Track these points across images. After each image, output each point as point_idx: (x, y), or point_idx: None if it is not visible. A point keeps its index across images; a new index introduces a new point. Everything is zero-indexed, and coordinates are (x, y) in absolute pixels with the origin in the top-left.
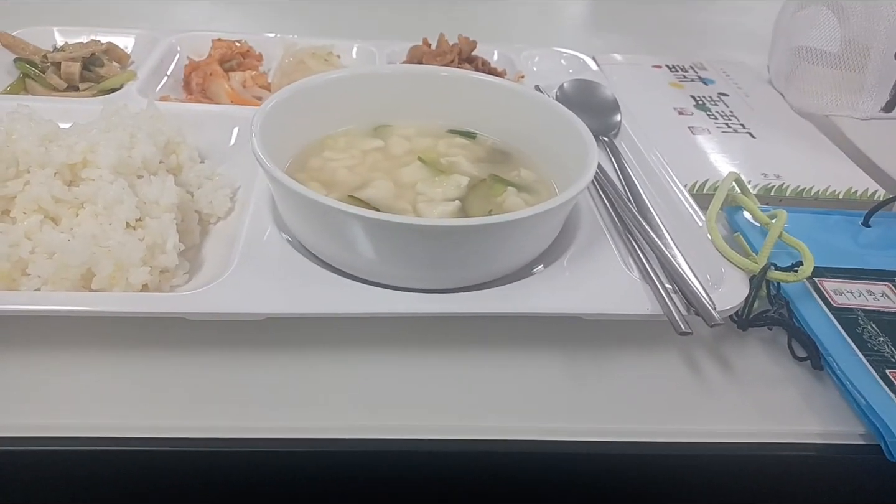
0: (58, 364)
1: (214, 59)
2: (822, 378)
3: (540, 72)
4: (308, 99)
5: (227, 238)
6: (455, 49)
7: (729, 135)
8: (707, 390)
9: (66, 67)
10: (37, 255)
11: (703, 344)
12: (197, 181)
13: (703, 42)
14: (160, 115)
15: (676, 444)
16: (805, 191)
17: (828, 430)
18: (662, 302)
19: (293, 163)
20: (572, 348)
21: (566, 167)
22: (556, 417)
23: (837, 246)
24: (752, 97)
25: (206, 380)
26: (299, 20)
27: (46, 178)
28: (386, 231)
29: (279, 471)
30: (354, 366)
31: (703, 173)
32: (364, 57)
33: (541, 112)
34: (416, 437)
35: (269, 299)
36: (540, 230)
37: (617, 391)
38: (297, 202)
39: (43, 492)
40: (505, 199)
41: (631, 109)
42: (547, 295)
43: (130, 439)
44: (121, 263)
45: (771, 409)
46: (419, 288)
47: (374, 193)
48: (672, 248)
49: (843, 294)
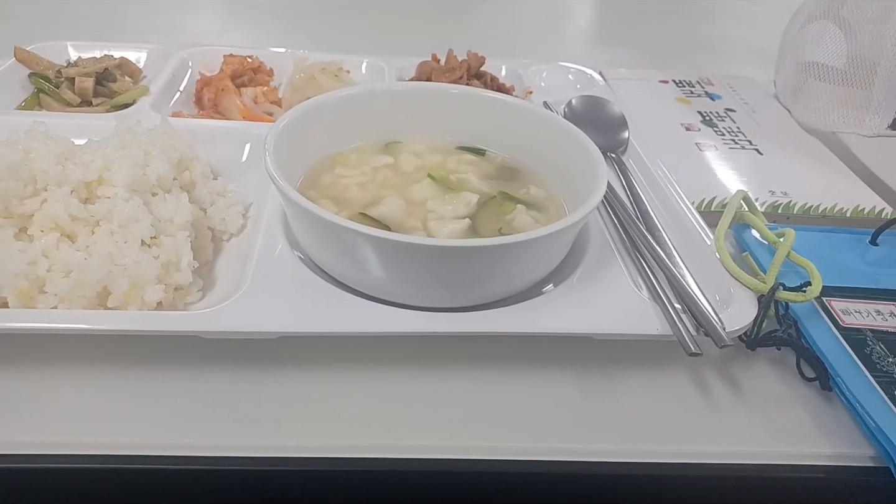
0: (73, 381)
1: (226, 74)
2: (831, 399)
3: (548, 87)
4: (320, 116)
5: (239, 255)
6: (464, 65)
7: (736, 151)
8: (715, 410)
9: (80, 83)
10: (54, 273)
11: (711, 364)
12: (210, 198)
13: (709, 57)
14: (173, 132)
15: (685, 464)
16: (812, 208)
17: (837, 452)
18: (672, 322)
19: (305, 179)
20: (582, 368)
21: (575, 185)
22: (566, 438)
23: (845, 265)
24: (758, 113)
25: (219, 397)
26: (308, 34)
27: (63, 197)
28: (397, 251)
29: (292, 489)
30: (365, 384)
31: (711, 190)
32: (373, 72)
33: (550, 130)
34: (426, 457)
35: (283, 318)
36: (550, 250)
37: (626, 411)
38: (310, 221)
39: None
40: (514, 216)
41: (638, 125)
42: (557, 315)
43: (144, 457)
44: (136, 281)
45: (779, 430)
46: (429, 307)
47: (385, 211)
48: (681, 268)
49: (851, 314)
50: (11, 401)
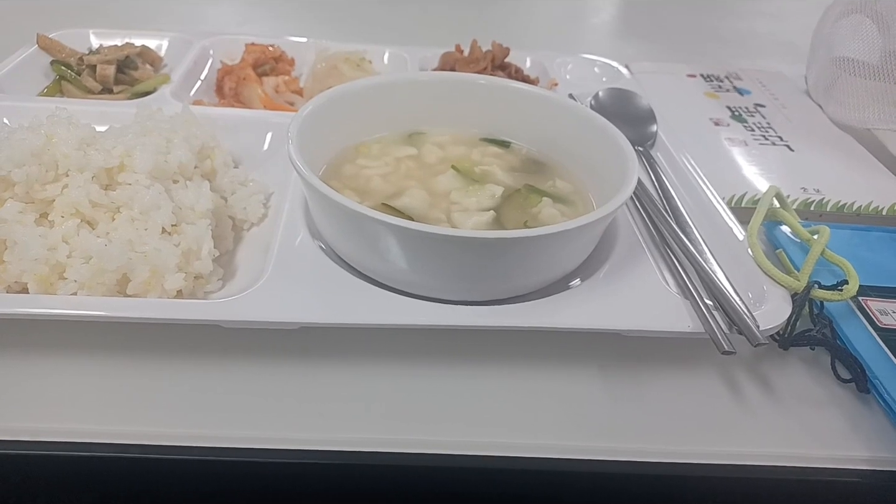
0: (92, 369)
1: (248, 63)
2: (868, 401)
3: (573, 80)
4: (344, 105)
5: (260, 244)
6: (488, 56)
7: (766, 147)
8: (747, 411)
9: (102, 70)
10: (74, 259)
11: (742, 363)
12: (231, 187)
13: (738, 51)
14: (194, 120)
15: (715, 465)
16: (846, 206)
17: (874, 456)
18: (704, 319)
19: (327, 169)
20: (609, 364)
21: (603, 178)
22: (593, 436)
23: (881, 264)
24: (789, 108)
25: (237, 388)
26: (329, 23)
27: (84, 182)
28: (421, 241)
29: (310, 482)
30: (387, 377)
31: (741, 186)
32: (396, 63)
33: (577, 122)
34: (449, 453)
35: (304, 308)
36: (578, 243)
37: (655, 410)
38: (333, 210)
39: (80, 495)
40: (540, 210)
41: (666, 119)
42: (584, 310)
43: (162, 447)
44: (156, 269)
45: (814, 432)
46: (452, 300)
47: (409, 202)
48: (712, 264)
49: (888, 314)
50: (32, 387)
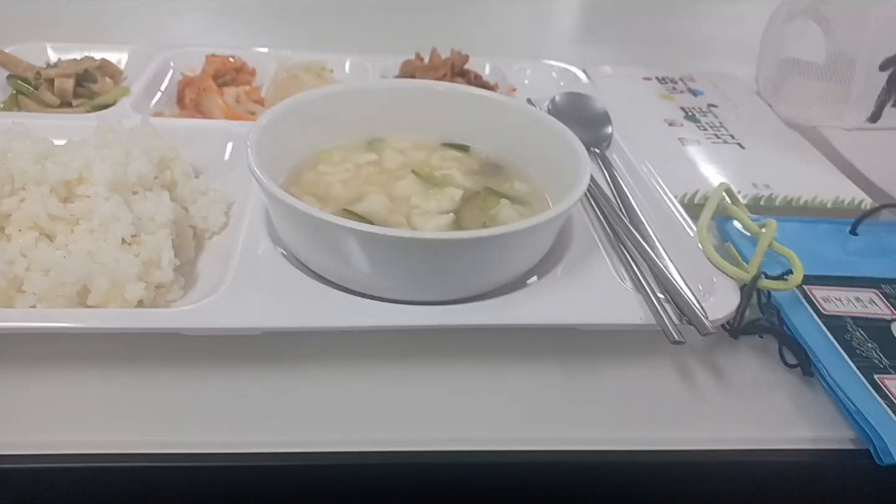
0: (53, 381)
1: (208, 74)
2: (813, 384)
3: (531, 85)
4: (303, 114)
5: (222, 253)
6: (447, 63)
7: (718, 146)
8: (700, 398)
9: (60, 84)
10: (32, 272)
11: (695, 352)
12: (191, 196)
13: (692, 54)
14: (154, 131)
15: (671, 451)
16: (794, 200)
17: (819, 436)
18: (655, 312)
19: (288, 177)
20: (567, 359)
21: (559, 179)
22: (551, 427)
23: (826, 254)
24: (741, 108)
25: (201, 395)
26: (292, 35)
27: (42, 196)
28: (381, 244)
29: (275, 485)
30: (350, 379)
31: (694, 184)
32: (357, 72)
33: (533, 125)
34: (411, 450)
35: (265, 314)
36: (534, 242)
37: (612, 400)
38: (293, 216)
39: None
40: (499, 211)
41: (622, 121)
42: (541, 306)
43: (124, 455)
44: (116, 279)
45: (763, 416)
46: (414, 300)
47: (369, 207)
48: (664, 259)
49: (832, 301)
50: None
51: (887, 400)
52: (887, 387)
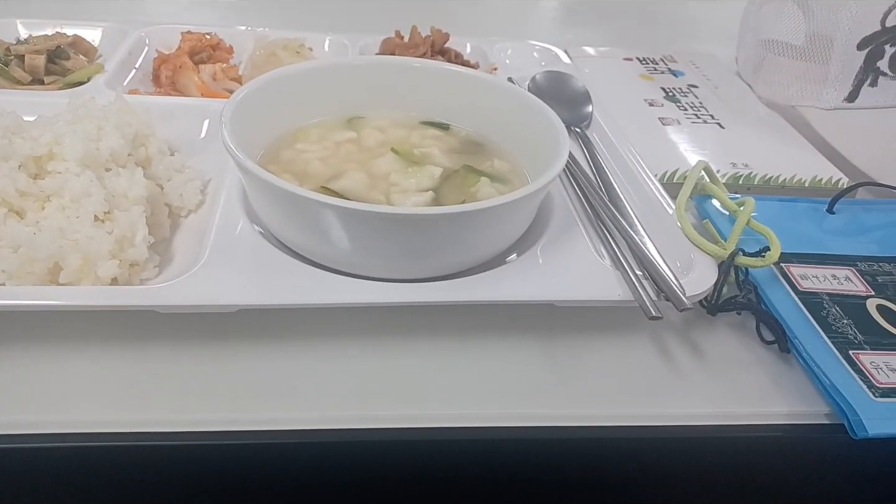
0: (23, 359)
1: (184, 51)
2: (789, 360)
3: (512, 64)
4: (280, 90)
5: (197, 231)
6: (428, 41)
7: (698, 125)
8: (677, 374)
9: (31, 60)
10: (1, 248)
11: (673, 329)
12: (167, 174)
13: (673, 35)
14: (128, 108)
15: (648, 427)
16: (772, 179)
17: (794, 411)
18: (633, 288)
19: (265, 155)
20: (546, 336)
21: (539, 157)
22: (531, 403)
23: (803, 232)
24: (721, 88)
25: (176, 373)
26: (271, 13)
27: (10, 171)
28: (359, 220)
29: (252, 463)
30: (328, 356)
31: (674, 163)
32: (336, 50)
33: (513, 103)
34: (392, 427)
35: (241, 291)
36: (513, 218)
37: (590, 376)
38: (270, 193)
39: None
40: (478, 189)
41: (602, 101)
42: (520, 283)
43: (98, 434)
44: (89, 257)
45: (740, 392)
46: (393, 278)
47: (348, 184)
48: (643, 236)
49: (808, 279)
50: None
51: (862, 375)
52: (862, 362)
